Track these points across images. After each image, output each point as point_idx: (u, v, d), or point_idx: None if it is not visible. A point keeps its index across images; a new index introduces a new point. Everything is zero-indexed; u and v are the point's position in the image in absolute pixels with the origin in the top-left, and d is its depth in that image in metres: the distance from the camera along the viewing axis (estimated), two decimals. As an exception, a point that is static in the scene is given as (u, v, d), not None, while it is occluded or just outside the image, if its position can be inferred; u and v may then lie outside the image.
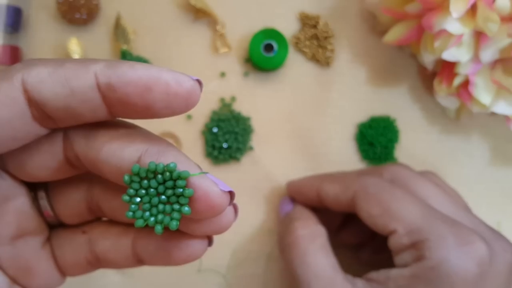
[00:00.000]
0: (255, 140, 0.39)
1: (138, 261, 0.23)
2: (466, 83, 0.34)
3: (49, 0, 0.39)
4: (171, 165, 0.18)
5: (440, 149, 0.40)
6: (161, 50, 0.39)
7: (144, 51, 0.39)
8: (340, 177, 0.34)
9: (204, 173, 0.19)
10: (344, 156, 0.39)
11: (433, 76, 0.38)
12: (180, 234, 0.21)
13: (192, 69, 0.39)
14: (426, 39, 0.34)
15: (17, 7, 0.38)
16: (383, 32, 0.37)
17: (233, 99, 0.39)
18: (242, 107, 0.39)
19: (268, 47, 0.38)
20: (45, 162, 0.21)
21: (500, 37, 0.32)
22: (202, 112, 0.39)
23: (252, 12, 0.40)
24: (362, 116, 0.39)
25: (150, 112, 0.19)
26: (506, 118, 0.36)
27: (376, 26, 0.39)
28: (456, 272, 0.27)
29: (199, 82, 0.19)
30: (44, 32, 0.39)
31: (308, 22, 0.39)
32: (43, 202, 0.23)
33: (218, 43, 0.39)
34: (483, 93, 0.34)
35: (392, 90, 0.40)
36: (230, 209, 0.20)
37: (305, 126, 0.39)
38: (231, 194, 0.20)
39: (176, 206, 0.19)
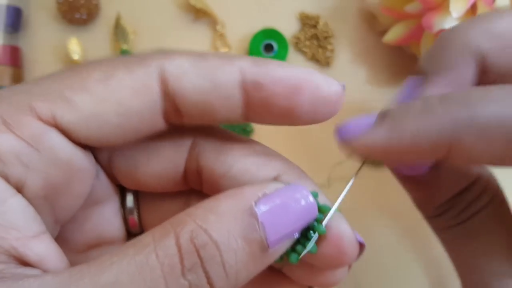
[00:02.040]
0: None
1: None
2: (466, 83, 0.34)
3: (49, 0, 0.39)
4: (313, 194, 0.17)
5: (440, 149, 0.40)
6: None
7: (144, 51, 0.39)
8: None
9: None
10: (344, 157, 0.39)
11: (433, 76, 0.38)
12: (281, 277, 0.19)
13: (192, 69, 0.39)
14: (426, 39, 0.34)
15: (17, 7, 0.38)
16: (383, 32, 0.37)
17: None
18: (242, 107, 0.39)
19: (268, 47, 0.38)
20: (162, 171, 0.19)
21: (500, 37, 0.32)
22: (202, 112, 0.39)
23: (252, 12, 0.40)
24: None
25: (291, 117, 0.17)
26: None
27: (376, 26, 0.39)
28: None
29: (343, 87, 0.18)
30: (44, 32, 0.39)
31: (308, 22, 0.39)
32: (131, 211, 0.21)
33: (218, 43, 0.39)
34: (483, 93, 0.34)
35: (392, 90, 0.40)
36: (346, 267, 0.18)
37: (305, 126, 0.39)
38: (362, 247, 0.18)
39: (303, 240, 0.17)
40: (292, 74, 0.17)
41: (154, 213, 0.21)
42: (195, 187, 0.20)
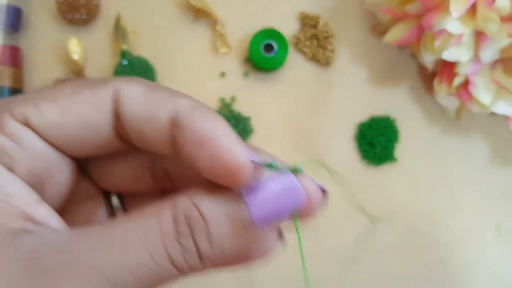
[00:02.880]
0: (255, 140, 0.39)
1: None
2: (466, 83, 0.34)
3: (49, 0, 0.39)
4: (272, 163, 0.18)
5: (440, 149, 0.40)
6: (161, 50, 0.39)
7: (144, 51, 0.39)
8: None
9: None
10: (344, 156, 0.39)
11: (433, 76, 0.38)
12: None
13: (192, 69, 0.39)
14: (426, 39, 0.34)
15: (17, 7, 0.38)
16: (383, 32, 0.37)
17: (233, 99, 0.39)
18: (242, 107, 0.39)
19: (268, 47, 0.38)
20: (131, 175, 0.21)
21: (500, 37, 0.32)
22: (202, 112, 0.39)
23: (252, 12, 0.40)
24: (362, 116, 0.39)
25: (199, 169, 0.18)
26: (506, 118, 0.36)
27: (376, 26, 0.39)
28: None
29: (256, 165, 0.18)
30: (44, 32, 0.39)
31: (308, 22, 0.39)
32: (118, 211, 0.22)
33: (218, 43, 0.39)
34: (483, 93, 0.34)
35: (392, 90, 0.40)
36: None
37: (305, 126, 0.39)
38: (325, 193, 0.20)
39: None
40: (206, 126, 0.17)
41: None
42: (168, 186, 0.22)
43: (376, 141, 0.39)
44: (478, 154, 0.40)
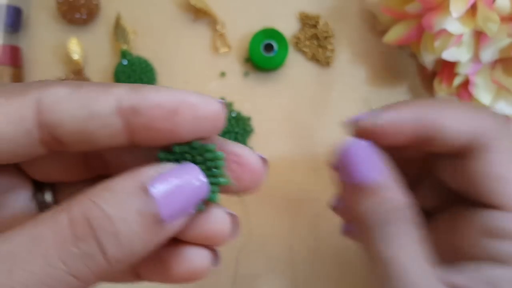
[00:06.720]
0: (255, 140, 0.39)
1: (136, 275, 0.22)
2: (466, 83, 0.34)
3: (49, 0, 0.39)
4: (211, 146, 0.19)
5: (440, 149, 0.40)
6: (161, 50, 0.39)
7: (144, 51, 0.39)
8: (469, 108, 0.23)
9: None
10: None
11: (433, 76, 0.38)
12: (179, 243, 0.20)
13: (192, 69, 0.39)
14: (426, 39, 0.34)
15: (17, 7, 0.38)
16: (383, 32, 0.37)
17: (233, 99, 0.39)
18: (242, 107, 0.39)
19: (268, 47, 0.38)
20: (60, 164, 0.20)
21: (500, 37, 0.32)
22: (202, 112, 0.39)
23: (252, 12, 0.40)
24: (362, 116, 0.39)
25: (175, 136, 0.18)
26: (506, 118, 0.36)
27: (376, 26, 0.39)
28: None
29: (223, 104, 0.19)
30: (44, 32, 0.39)
31: (308, 22, 0.39)
32: (48, 199, 0.21)
33: (218, 43, 0.39)
34: (483, 93, 0.34)
35: (392, 90, 0.40)
36: (224, 219, 0.20)
37: (305, 126, 0.39)
38: (265, 161, 0.20)
39: (213, 179, 0.19)
40: (168, 97, 0.17)
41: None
42: (102, 172, 0.21)
43: (376, 141, 0.39)
44: (478, 154, 0.40)
